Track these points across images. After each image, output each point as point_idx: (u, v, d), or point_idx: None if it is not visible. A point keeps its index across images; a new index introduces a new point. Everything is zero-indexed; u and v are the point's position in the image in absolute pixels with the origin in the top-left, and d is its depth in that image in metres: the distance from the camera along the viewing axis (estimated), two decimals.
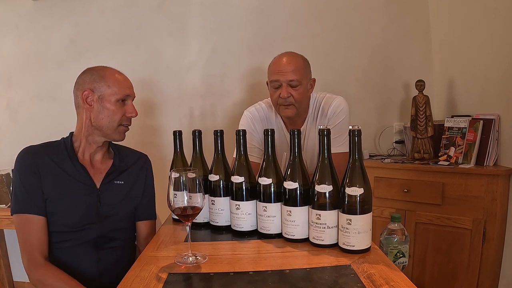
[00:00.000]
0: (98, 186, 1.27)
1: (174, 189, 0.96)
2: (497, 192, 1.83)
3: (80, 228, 1.22)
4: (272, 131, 1.12)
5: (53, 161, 1.24)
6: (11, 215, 1.20)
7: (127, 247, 1.35)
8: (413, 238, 2.06)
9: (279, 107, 1.56)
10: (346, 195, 0.97)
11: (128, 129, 1.31)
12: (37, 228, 1.18)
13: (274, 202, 1.10)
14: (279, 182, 1.10)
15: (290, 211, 1.06)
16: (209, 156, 1.27)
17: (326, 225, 1.00)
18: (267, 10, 2.53)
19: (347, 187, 0.97)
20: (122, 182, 1.32)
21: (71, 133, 1.33)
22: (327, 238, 1.01)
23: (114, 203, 1.29)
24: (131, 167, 1.37)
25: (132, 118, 1.31)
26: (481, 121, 1.97)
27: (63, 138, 1.32)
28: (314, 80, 1.61)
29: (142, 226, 1.38)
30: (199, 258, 0.98)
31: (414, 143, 2.25)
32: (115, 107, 1.25)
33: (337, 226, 1.01)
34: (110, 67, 1.30)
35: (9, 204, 2.55)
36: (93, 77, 1.25)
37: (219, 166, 1.21)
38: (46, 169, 1.22)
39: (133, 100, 1.31)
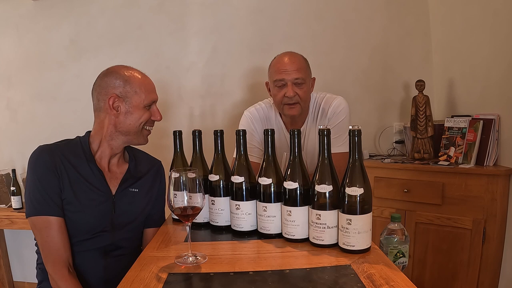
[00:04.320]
0: (113, 192, 1.24)
1: (174, 189, 0.96)
2: (497, 192, 1.83)
3: (92, 236, 1.19)
4: (272, 131, 1.12)
5: (70, 163, 1.19)
6: (26, 217, 1.15)
7: (134, 254, 1.27)
8: (413, 238, 2.06)
9: (284, 106, 1.55)
10: (346, 195, 0.97)
11: (150, 133, 1.29)
12: (59, 231, 1.14)
13: (274, 202, 1.10)
14: (279, 182, 1.10)
15: (290, 211, 1.05)
16: (209, 156, 1.27)
17: (326, 225, 1.00)
18: (267, 10, 2.53)
19: (347, 187, 0.97)
20: (137, 190, 1.29)
21: (88, 133, 1.28)
22: (327, 238, 1.01)
23: (128, 211, 1.25)
24: (146, 175, 1.33)
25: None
26: (481, 121, 1.97)
27: (79, 137, 1.27)
28: (314, 79, 1.62)
29: (151, 233, 1.33)
30: (199, 258, 0.98)
31: (414, 143, 2.25)
32: (142, 112, 1.22)
33: (337, 226, 1.01)
34: (133, 68, 1.27)
35: (9, 204, 2.55)
36: (118, 81, 1.20)
37: (219, 166, 1.21)
38: (64, 170, 1.17)
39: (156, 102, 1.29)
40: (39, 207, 1.14)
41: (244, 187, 1.15)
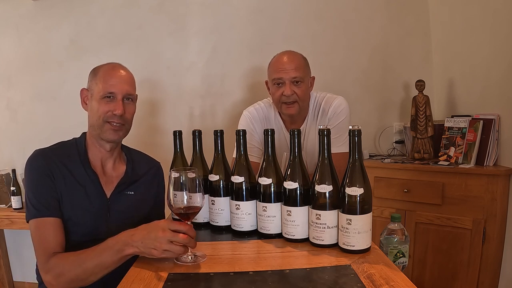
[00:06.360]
0: (108, 196, 1.23)
1: (174, 189, 0.96)
2: (497, 192, 1.83)
3: (88, 239, 1.16)
4: (272, 131, 1.12)
5: (65, 167, 1.18)
6: (27, 221, 1.14)
7: (134, 256, 1.30)
8: (413, 238, 2.06)
9: (282, 105, 1.55)
10: (346, 195, 0.97)
11: (115, 127, 1.21)
12: (54, 228, 1.13)
13: (274, 202, 1.10)
14: (279, 182, 1.10)
15: (290, 211, 1.05)
16: (209, 156, 1.27)
17: (326, 225, 1.00)
18: (267, 10, 2.53)
19: (347, 187, 0.97)
20: (132, 193, 1.28)
21: (84, 134, 1.28)
22: (327, 238, 1.01)
23: (123, 214, 1.24)
24: (143, 177, 1.33)
25: (128, 118, 1.23)
26: (481, 121, 1.97)
27: (75, 139, 1.27)
28: (314, 78, 1.62)
29: None
30: (199, 257, 0.98)
31: (414, 143, 2.25)
32: (100, 104, 1.19)
33: (337, 226, 1.01)
34: (113, 63, 1.26)
35: (9, 204, 2.55)
36: (90, 75, 1.24)
37: (219, 166, 1.21)
38: (59, 174, 1.17)
39: (130, 99, 1.24)
40: (34, 211, 1.13)
41: (244, 187, 1.15)
